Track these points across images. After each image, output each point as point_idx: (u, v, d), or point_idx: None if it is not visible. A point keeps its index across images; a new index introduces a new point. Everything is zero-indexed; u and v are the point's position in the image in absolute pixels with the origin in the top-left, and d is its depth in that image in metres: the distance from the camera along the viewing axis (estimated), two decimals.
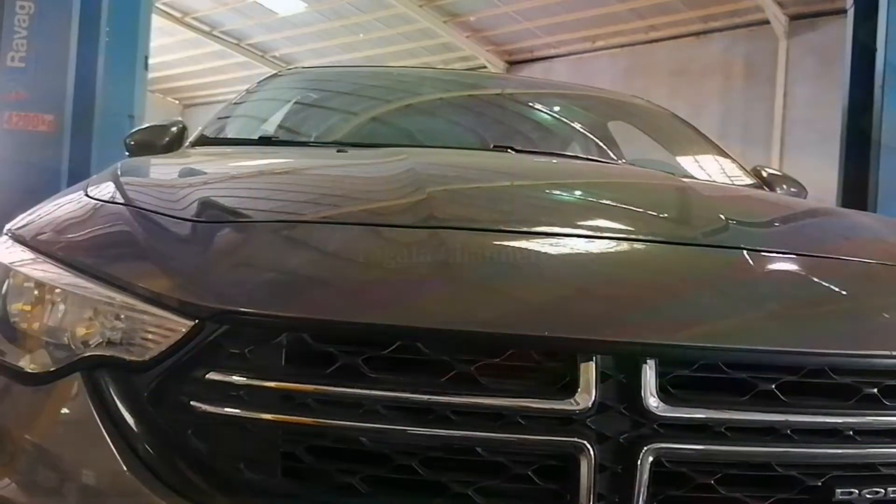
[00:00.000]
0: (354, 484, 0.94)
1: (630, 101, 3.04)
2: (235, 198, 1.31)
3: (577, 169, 1.87)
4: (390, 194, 1.36)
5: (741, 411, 0.97)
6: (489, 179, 1.52)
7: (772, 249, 1.19)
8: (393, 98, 2.53)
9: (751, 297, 1.07)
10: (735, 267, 1.14)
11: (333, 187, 1.45)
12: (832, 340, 1.02)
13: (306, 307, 0.98)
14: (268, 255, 1.09)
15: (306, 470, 0.95)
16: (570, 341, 0.95)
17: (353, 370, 0.95)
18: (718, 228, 1.28)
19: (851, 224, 1.55)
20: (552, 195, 1.46)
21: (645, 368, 0.94)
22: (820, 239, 1.36)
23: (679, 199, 1.49)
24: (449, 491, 0.94)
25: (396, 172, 1.44)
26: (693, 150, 2.64)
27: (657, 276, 1.11)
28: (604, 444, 0.95)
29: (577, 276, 1.07)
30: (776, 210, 1.61)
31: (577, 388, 0.94)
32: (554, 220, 1.26)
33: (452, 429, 0.94)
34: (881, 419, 1.00)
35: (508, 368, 0.96)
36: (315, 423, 0.95)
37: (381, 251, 1.12)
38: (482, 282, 1.03)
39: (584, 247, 1.16)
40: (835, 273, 1.18)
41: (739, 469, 0.98)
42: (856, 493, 0.98)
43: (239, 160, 1.79)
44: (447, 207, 1.24)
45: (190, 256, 1.09)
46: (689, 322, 0.99)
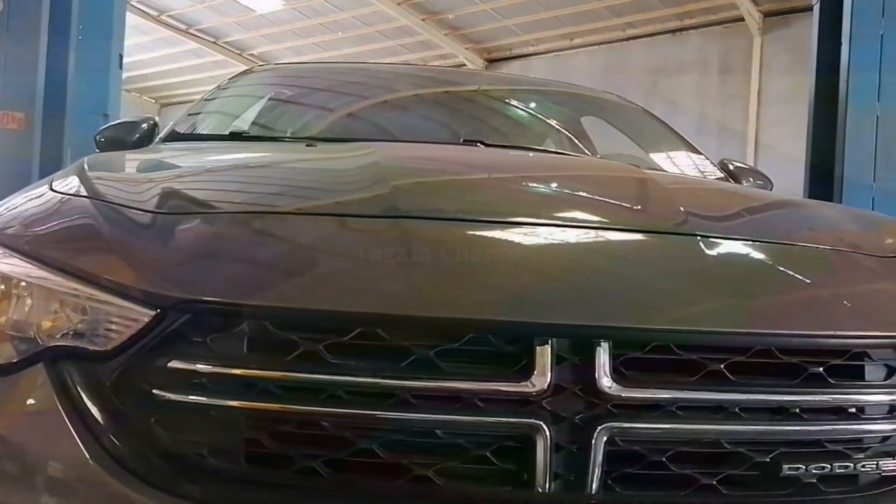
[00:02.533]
0: (317, 468, 0.96)
1: (602, 97, 3.07)
2: (198, 190, 1.33)
3: (542, 161, 1.90)
4: (354, 186, 1.38)
5: (691, 391, 1.00)
6: (453, 172, 1.55)
7: (724, 235, 1.23)
8: (364, 94, 2.55)
9: (702, 280, 1.10)
10: (687, 252, 1.18)
11: (298, 180, 1.47)
12: (779, 322, 1.06)
13: (267, 295, 1.00)
14: (229, 246, 1.11)
15: (269, 455, 0.97)
16: (526, 325, 0.98)
17: (315, 356, 0.97)
18: (673, 216, 1.32)
19: (806, 213, 1.59)
20: (513, 186, 1.49)
21: (599, 351, 0.97)
22: (772, 226, 1.40)
23: (637, 189, 1.52)
24: (410, 473, 0.97)
25: (362, 165, 1.46)
26: (661, 144, 2.68)
27: (612, 262, 1.14)
28: (559, 425, 0.97)
29: (533, 263, 1.10)
30: (733, 199, 1.65)
31: (533, 370, 0.96)
32: (513, 210, 1.28)
33: (412, 412, 0.97)
34: (827, 397, 1.04)
35: (467, 353, 0.98)
36: (277, 408, 0.97)
37: (342, 240, 1.14)
38: (441, 269, 1.06)
39: (541, 234, 1.19)
40: (784, 258, 1.22)
41: (690, 446, 1.01)
42: (802, 468, 1.02)
43: (206, 155, 1.81)
44: (410, 198, 1.27)
45: (152, 247, 1.10)
46: (642, 305, 1.03)
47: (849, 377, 1.06)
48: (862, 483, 1.05)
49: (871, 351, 1.07)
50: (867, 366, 1.07)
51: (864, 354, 1.07)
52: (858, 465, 1.04)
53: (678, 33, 11.71)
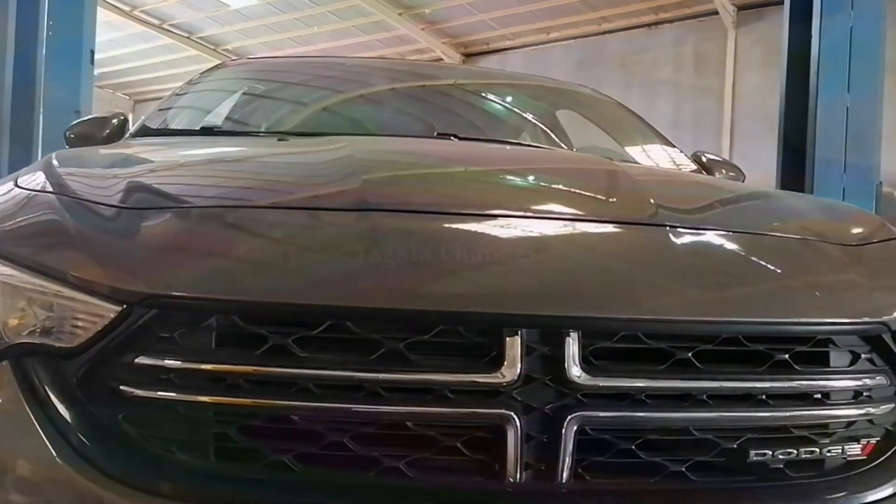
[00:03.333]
0: (287, 462, 0.96)
1: (576, 90, 3.08)
2: (165, 185, 1.31)
3: (514, 154, 1.90)
4: (324, 180, 1.38)
5: (660, 379, 1.01)
6: (425, 165, 1.54)
7: (692, 226, 1.24)
8: (337, 88, 2.53)
9: (670, 270, 1.11)
10: (656, 242, 1.18)
11: (268, 174, 1.46)
12: (746, 310, 1.07)
13: (235, 289, 1.00)
14: (196, 240, 1.10)
15: (239, 450, 0.97)
16: (495, 316, 0.98)
17: (284, 350, 0.97)
18: (642, 207, 1.32)
19: (774, 203, 1.61)
20: (484, 179, 1.49)
21: (568, 341, 0.98)
22: (740, 216, 1.42)
23: (607, 181, 1.53)
24: (380, 465, 0.97)
25: (333, 159, 1.45)
26: (635, 137, 2.69)
27: (581, 253, 1.15)
28: (530, 415, 0.98)
29: (502, 254, 1.10)
30: (702, 190, 1.67)
31: (503, 361, 0.97)
32: (483, 202, 1.28)
33: (383, 404, 0.97)
34: (793, 384, 1.05)
35: (437, 345, 0.99)
36: (247, 403, 0.97)
37: (310, 234, 1.14)
38: (410, 262, 1.06)
39: (510, 226, 1.19)
40: (751, 247, 1.23)
41: (659, 434, 1.02)
42: (769, 454, 1.03)
43: (175, 150, 1.79)
44: (380, 191, 1.26)
45: (118, 243, 1.09)
46: (611, 295, 1.03)
47: (814, 364, 1.07)
48: (828, 468, 1.07)
49: (835, 338, 1.08)
50: (832, 352, 1.08)
51: (828, 341, 1.08)
52: (824, 451, 1.06)
53: (653, 27, 11.77)
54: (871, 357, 1.10)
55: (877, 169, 3.89)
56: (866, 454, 1.08)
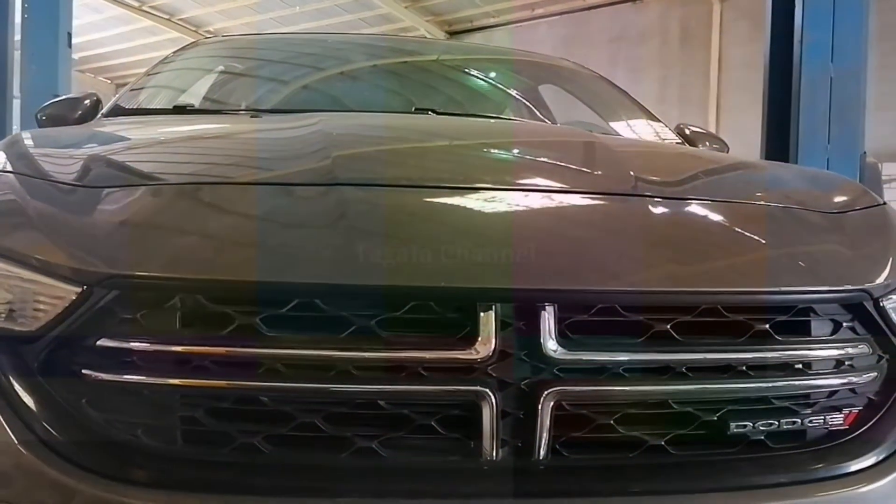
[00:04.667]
0: (257, 444, 0.94)
1: (558, 64, 3.04)
2: (127, 163, 1.28)
3: (490, 127, 1.85)
4: (293, 155, 1.34)
5: (638, 352, 0.99)
6: (397, 139, 1.50)
7: (670, 196, 1.21)
8: (313, 64, 2.48)
9: (646, 241, 1.09)
10: (632, 213, 1.16)
11: (235, 150, 1.42)
12: (724, 279, 1.05)
13: (200, 267, 0.97)
14: (159, 218, 1.07)
15: (207, 433, 0.94)
16: (469, 291, 0.96)
17: (251, 330, 0.94)
18: (618, 177, 1.30)
19: (754, 172, 1.58)
20: (457, 152, 1.45)
21: (543, 315, 0.95)
22: (718, 185, 1.39)
23: (584, 152, 1.50)
24: (353, 445, 0.94)
25: (303, 134, 1.41)
26: (617, 110, 2.66)
27: (555, 224, 1.12)
28: (505, 391, 0.96)
29: (475, 227, 1.08)
30: (681, 161, 1.64)
31: (477, 337, 0.94)
32: (455, 175, 1.25)
33: (354, 384, 0.95)
34: (773, 354, 1.03)
35: (409, 321, 0.96)
36: (214, 385, 0.94)
37: (277, 209, 1.10)
38: (381, 236, 1.03)
39: (482, 198, 1.16)
40: (730, 216, 1.21)
41: (638, 408, 1.00)
42: (750, 426, 1.02)
43: (143, 128, 1.75)
44: (349, 165, 1.23)
45: (77, 222, 1.05)
46: (586, 267, 1.01)
47: (795, 333, 1.05)
48: (809, 439, 1.06)
49: (816, 306, 1.06)
50: (813, 321, 1.06)
51: (809, 310, 1.06)
52: (805, 421, 1.04)
53: (638, 2, 11.69)
54: (853, 325, 1.08)
55: (861, 139, 3.87)
56: (848, 424, 1.07)
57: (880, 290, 1.09)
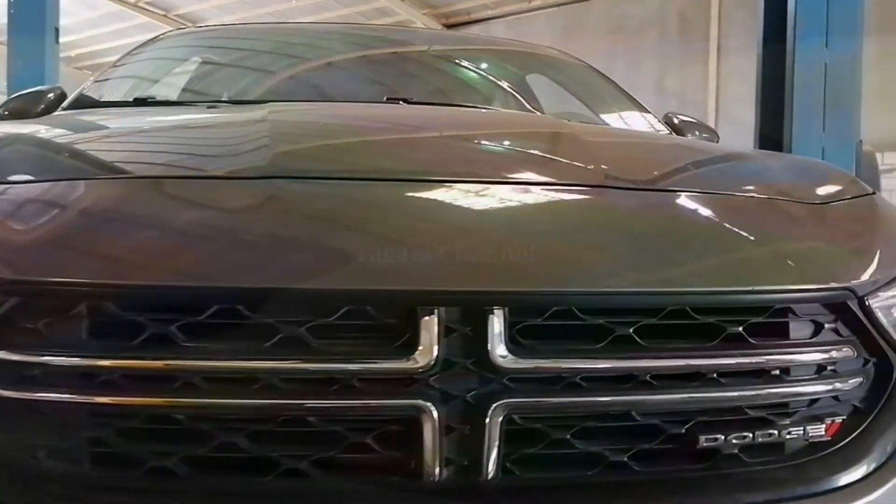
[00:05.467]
0: (171, 467, 0.85)
1: (543, 53, 2.94)
2: (40, 157, 1.18)
3: (455, 116, 1.72)
4: (227, 147, 1.24)
5: (596, 359, 0.90)
6: (347, 130, 1.39)
7: (637, 187, 1.12)
8: (283, 52, 2.38)
9: (608, 236, 0.99)
10: (593, 206, 1.06)
11: (166, 143, 1.31)
12: (692, 278, 0.95)
13: (108, 271, 0.87)
14: (64, 217, 0.96)
15: (117, 455, 0.86)
16: (408, 294, 0.87)
17: (166, 340, 0.85)
18: (582, 168, 1.20)
19: (735, 161, 1.47)
20: (408, 142, 1.32)
21: (492, 319, 0.86)
22: (694, 176, 1.28)
23: (550, 142, 1.39)
24: (279, 467, 0.86)
25: (246, 125, 1.31)
26: (603, 99, 2.56)
27: (506, 219, 1.02)
28: (449, 404, 0.87)
29: (417, 223, 0.98)
30: (658, 150, 1.53)
31: (417, 344, 0.85)
32: (399, 167, 1.15)
33: (280, 398, 0.86)
34: (747, 359, 0.94)
35: (342, 328, 0.87)
36: (124, 402, 0.85)
37: (198, 205, 1.00)
38: (311, 233, 0.94)
39: (426, 192, 1.06)
40: (702, 208, 1.11)
41: (598, 421, 0.91)
42: (722, 438, 0.92)
43: (88, 121, 1.65)
44: (286, 157, 1.12)
45: None
46: (540, 266, 0.91)
47: (771, 336, 0.96)
48: (788, 452, 0.96)
49: (795, 306, 0.97)
50: (791, 323, 0.97)
51: (787, 311, 0.96)
52: (784, 433, 0.95)
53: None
54: (836, 327, 0.99)
55: (857, 128, 3.76)
56: (831, 435, 0.97)
57: (866, 287, 0.99)
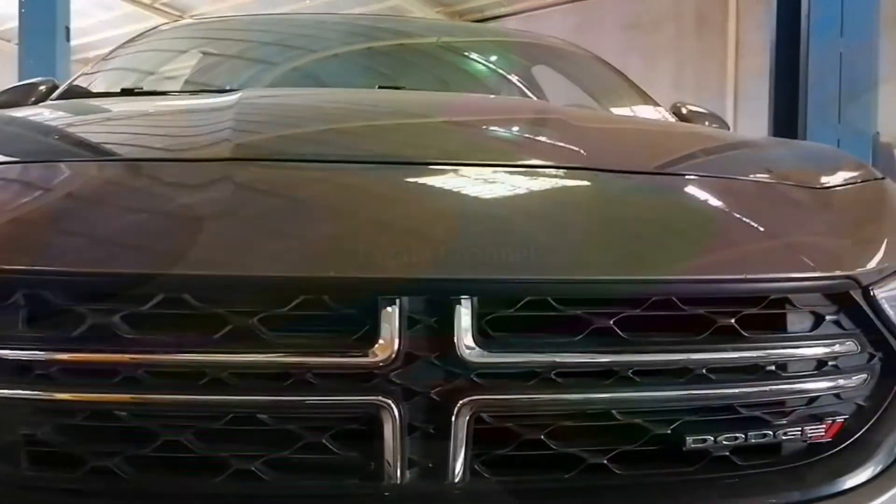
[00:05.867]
0: (113, 467, 0.79)
1: (548, 43, 2.87)
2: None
3: (436, 100, 1.61)
4: (186, 130, 1.18)
5: (573, 353, 0.83)
6: (316, 114, 1.31)
7: (618, 169, 1.04)
8: (278, 44, 2.31)
9: (587, 220, 0.92)
10: (570, 188, 0.99)
11: (126, 128, 1.24)
12: (679, 265, 0.88)
13: (44, 257, 0.81)
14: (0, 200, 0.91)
15: (55, 455, 0.80)
16: (366, 282, 0.80)
17: (107, 331, 0.79)
18: (561, 149, 1.13)
19: (738, 145, 1.39)
20: (377, 125, 1.24)
21: (459, 309, 0.80)
22: (687, 159, 1.19)
23: (531, 124, 1.30)
24: (229, 468, 0.80)
25: (214, 110, 1.24)
26: (607, 88, 2.49)
27: (476, 202, 0.94)
28: (412, 401, 0.81)
29: (377, 207, 0.91)
30: (650, 134, 1.44)
31: (377, 336, 0.79)
32: (361, 150, 1.08)
33: (229, 394, 0.80)
34: (739, 354, 0.86)
35: (297, 319, 0.81)
36: (62, 397, 0.79)
37: (143, 187, 0.94)
38: (264, 219, 0.87)
39: (388, 175, 0.99)
40: (693, 191, 1.03)
41: (575, 420, 0.84)
42: (711, 440, 0.85)
43: (60, 111, 1.59)
44: (243, 140, 1.05)
45: None
46: (511, 252, 0.84)
47: (767, 329, 0.88)
48: (785, 454, 0.89)
49: (793, 296, 0.89)
50: (789, 315, 0.90)
51: (784, 301, 0.89)
52: (780, 433, 0.88)
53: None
54: (838, 319, 0.91)
55: (874, 119, 3.64)
56: (832, 436, 0.90)
57: (871, 276, 0.91)
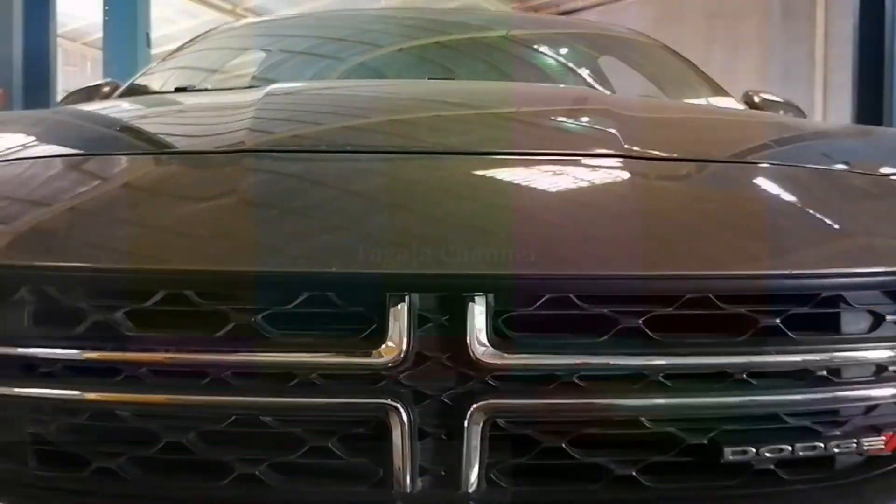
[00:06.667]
0: (116, 469, 0.77)
1: (614, 33, 2.77)
2: (16, 136, 1.12)
3: (470, 90, 1.51)
4: (207, 125, 1.15)
5: (597, 355, 0.76)
6: (337, 107, 1.27)
7: (655, 156, 0.96)
8: (341, 40, 2.29)
9: (615, 210, 0.85)
10: (598, 177, 0.92)
11: (153, 123, 1.22)
12: (718, 259, 0.80)
13: (47, 253, 0.80)
14: (6, 195, 0.89)
15: (61, 454, 0.79)
16: (374, 277, 0.75)
17: (109, 328, 0.77)
18: (595, 137, 1.05)
19: (798, 130, 1.28)
20: (401, 117, 1.17)
21: (472, 307, 0.75)
22: (738, 145, 1.08)
23: (567, 113, 1.21)
24: (231, 472, 0.76)
25: (238, 106, 1.21)
26: (678, 78, 2.38)
27: (491, 192, 0.88)
28: (422, 405, 0.76)
29: (389, 199, 0.86)
30: (703, 121, 1.31)
31: (385, 336, 0.74)
32: (377, 141, 1.03)
33: (232, 395, 0.77)
34: (786, 358, 0.78)
35: (302, 317, 0.77)
36: (65, 396, 0.78)
37: (148, 182, 0.91)
38: (268, 212, 0.84)
39: (399, 166, 0.94)
40: (738, 178, 0.94)
41: (600, 427, 0.77)
42: (753, 451, 0.77)
43: (103, 107, 1.60)
44: (256, 132, 1.01)
45: None
46: (530, 245, 0.78)
47: (818, 330, 0.80)
48: (838, 468, 0.80)
49: (847, 294, 0.80)
50: (843, 314, 0.80)
51: (838, 299, 0.80)
52: (832, 445, 0.79)
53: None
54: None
55: None
56: (892, 449, 0.80)
57: None
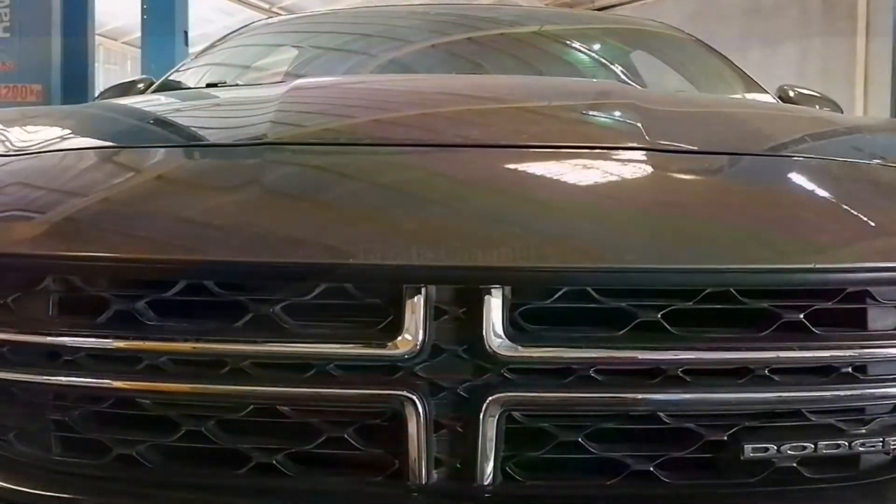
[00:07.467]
0: (136, 456, 0.78)
1: (647, 28, 2.74)
2: (31, 131, 1.14)
3: (497, 84, 1.53)
4: (229, 118, 1.16)
5: (616, 348, 0.76)
6: (376, 98, 1.27)
7: (677, 148, 0.94)
8: (373, 35, 2.29)
9: (635, 202, 0.83)
10: (617, 168, 0.91)
11: (181, 117, 1.23)
12: (740, 252, 0.78)
13: (72, 243, 0.81)
14: (25, 188, 0.90)
15: (83, 441, 0.80)
16: (391, 269, 0.75)
17: (130, 318, 0.78)
18: (615, 130, 1.04)
19: (830, 122, 1.25)
20: (423, 111, 1.16)
21: (489, 300, 0.74)
22: (766, 138, 1.05)
23: (591, 104, 1.18)
24: (249, 461, 0.77)
25: (263, 100, 1.21)
26: (711, 73, 2.35)
27: (508, 184, 0.87)
28: (438, 397, 0.76)
29: (403, 191, 0.86)
30: (730, 115, 1.28)
31: (402, 327, 0.74)
32: (397, 133, 1.03)
33: (250, 384, 0.77)
34: (811, 354, 0.76)
35: (319, 308, 0.78)
36: (88, 384, 0.79)
37: (170, 173, 0.92)
38: (287, 204, 0.84)
39: (418, 158, 0.94)
40: (762, 171, 0.92)
41: (616, 422, 0.77)
42: (774, 448, 0.76)
43: (131, 102, 1.62)
44: (277, 125, 1.02)
45: None
46: (549, 238, 0.77)
47: (843, 325, 0.78)
48: (864, 467, 0.78)
49: (875, 289, 0.78)
50: (870, 310, 0.78)
51: (864, 294, 0.78)
52: (857, 444, 0.77)
53: None
54: None
55: None
56: None
57: None
